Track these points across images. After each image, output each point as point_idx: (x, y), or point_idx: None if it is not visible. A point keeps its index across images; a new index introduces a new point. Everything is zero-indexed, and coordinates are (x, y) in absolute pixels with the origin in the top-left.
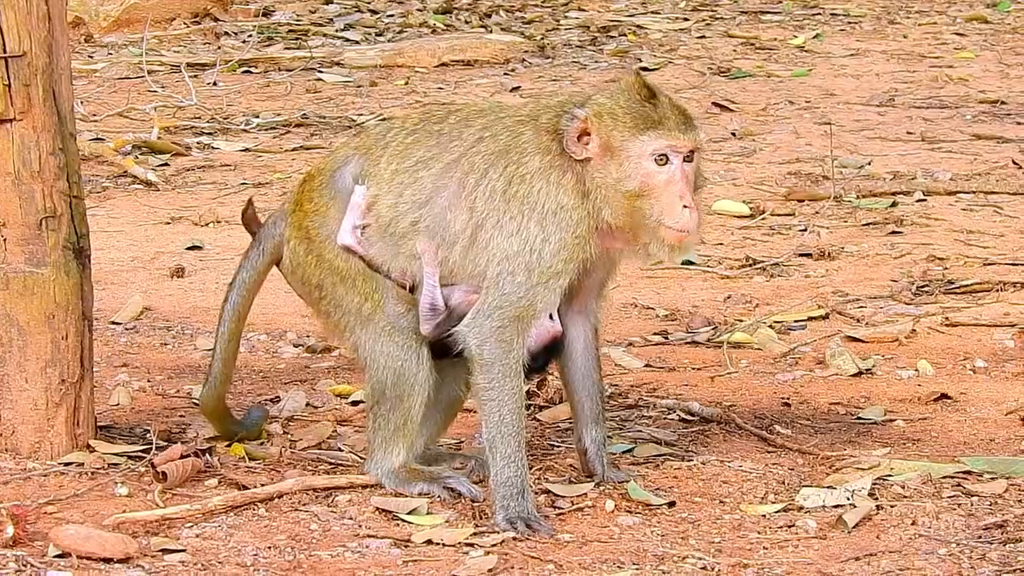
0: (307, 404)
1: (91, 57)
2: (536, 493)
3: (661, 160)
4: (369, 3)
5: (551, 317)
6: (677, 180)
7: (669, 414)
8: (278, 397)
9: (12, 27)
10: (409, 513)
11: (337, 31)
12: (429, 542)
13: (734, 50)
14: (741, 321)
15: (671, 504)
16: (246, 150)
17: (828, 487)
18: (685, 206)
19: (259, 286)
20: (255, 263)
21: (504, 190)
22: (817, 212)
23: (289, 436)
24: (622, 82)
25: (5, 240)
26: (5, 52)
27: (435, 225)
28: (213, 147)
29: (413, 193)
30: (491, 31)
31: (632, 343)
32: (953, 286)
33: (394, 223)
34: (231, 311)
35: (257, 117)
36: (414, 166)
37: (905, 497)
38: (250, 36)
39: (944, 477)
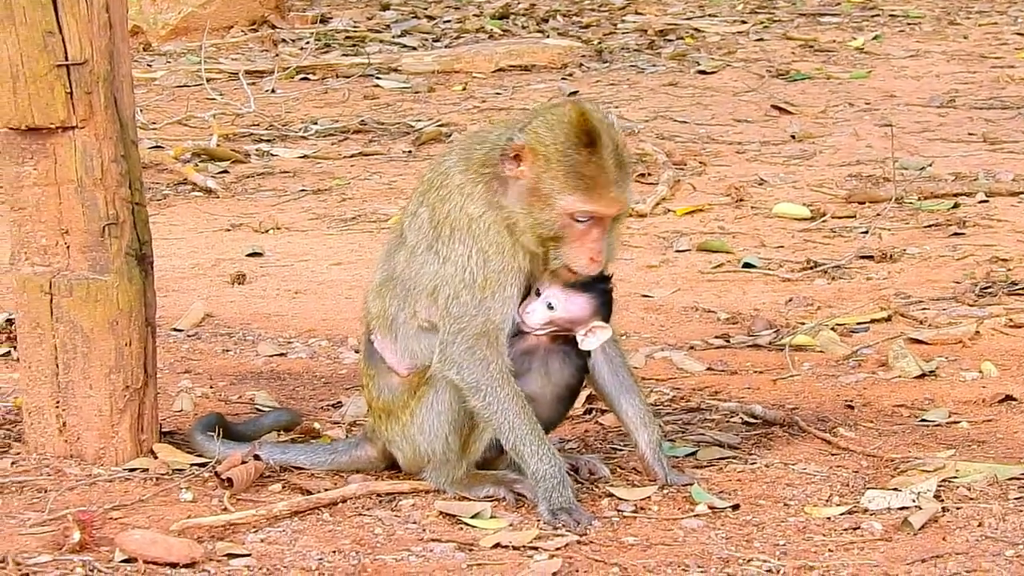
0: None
1: (150, 65)
2: (599, 496)
3: (582, 219)
4: (426, 9)
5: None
6: (593, 238)
7: (732, 417)
8: (340, 402)
9: (74, 35)
10: (473, 517)
11: (394, 37)
12: (497, 546)
13: (792, 52)
14: (803, 324)
15: (735, 507)
16: (305, 157)
17: (893, 489)
18: (592, 259)
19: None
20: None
21: (431, 217)
22: (878, 214)
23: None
24: (565, 114)
25: (68, 247)
26: (67, 60)
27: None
28: (272, 154)
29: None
30: (548, 36)
31: (693, 347)
32: (1016, 287)
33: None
34: None
35: (315, 124)
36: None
37: (971, 499)
38: (307, 43)
39: (1010, 479)
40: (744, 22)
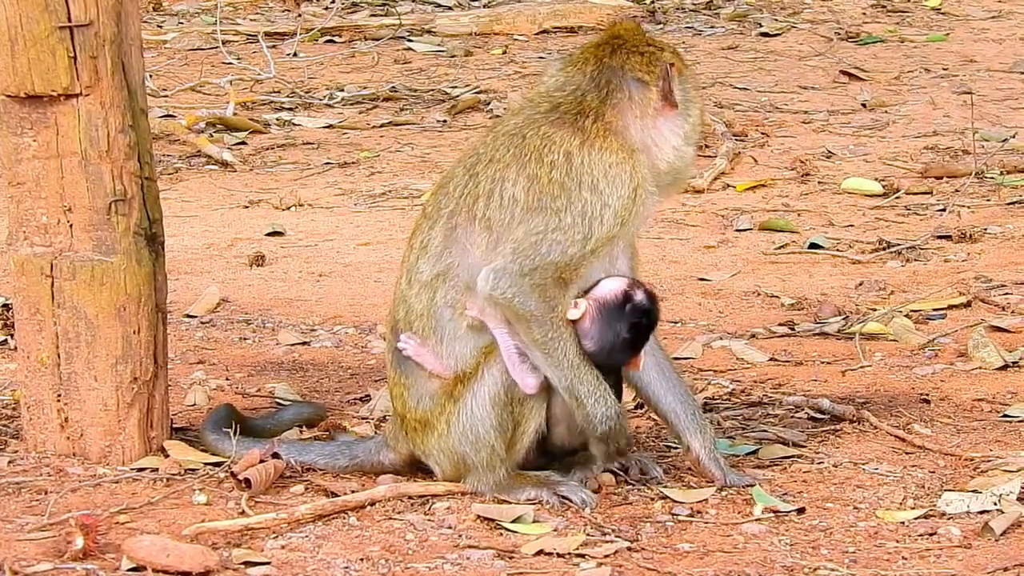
0: None
1: (160, 27)
2: (651, 499)
3: None
4: None
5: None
6: None
7: (796, 412)
8: (368, 396)
9: None
10: (513, 521)
11: None
12: (540, 553)
13: (863, 13)
14: (874, 310)
15: (800, 510)
16: (330, 127)
17: (972, 491)
18: None
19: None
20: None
21: (529, 187)
22: (957, 190)
23: None
24: (637, 29)
25: (71, 226)
26: (70, 21)
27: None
28: (294, 124)
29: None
30: None
31: (755, 335)
32: None
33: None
34: None
35: (341, 91)
36: (420, 237)
37: None
38: (333, 2)
39: None
40: None
